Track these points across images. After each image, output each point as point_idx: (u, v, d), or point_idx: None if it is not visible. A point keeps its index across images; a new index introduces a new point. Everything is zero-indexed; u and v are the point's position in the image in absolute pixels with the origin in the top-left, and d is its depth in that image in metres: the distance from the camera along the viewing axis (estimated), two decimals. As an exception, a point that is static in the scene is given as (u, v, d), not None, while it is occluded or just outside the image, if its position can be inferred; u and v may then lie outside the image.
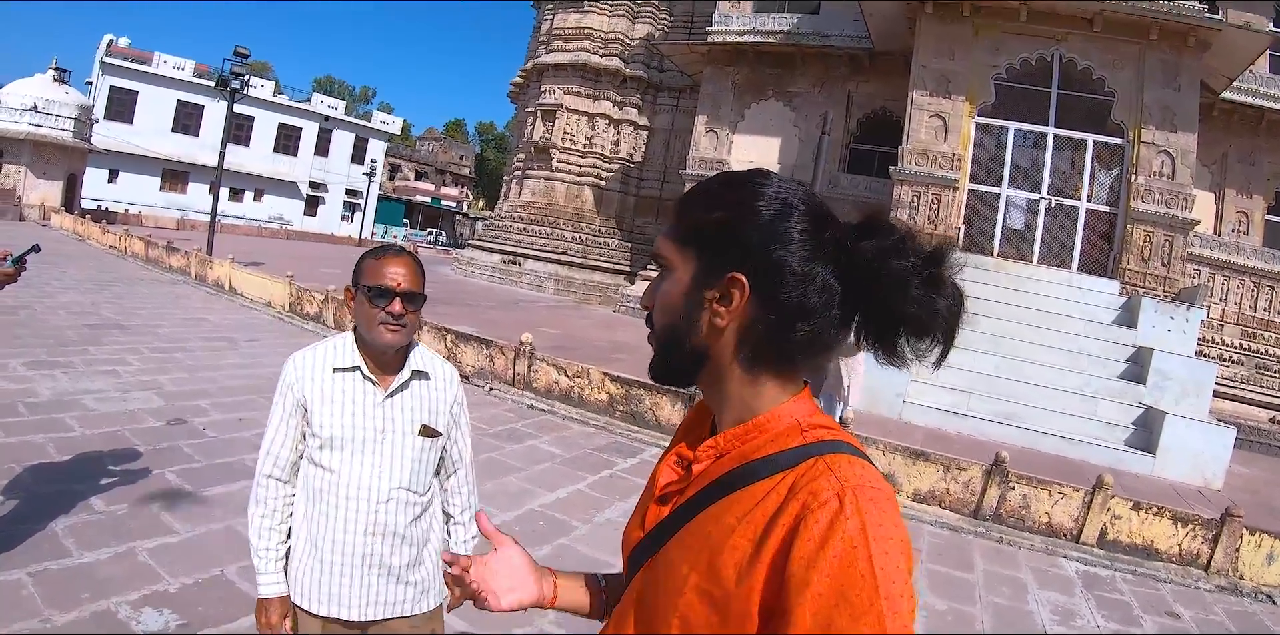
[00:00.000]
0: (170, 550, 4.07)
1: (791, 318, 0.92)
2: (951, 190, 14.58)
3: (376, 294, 1.95)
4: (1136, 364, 11.42)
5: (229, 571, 3.92)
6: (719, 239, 0.95)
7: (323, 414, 1.99)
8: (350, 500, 1.97)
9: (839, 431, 0.95)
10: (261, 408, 7.14)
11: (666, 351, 1.01)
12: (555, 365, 9.28)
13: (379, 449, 2.00)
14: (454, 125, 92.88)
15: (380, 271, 1.98)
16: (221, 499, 4.88)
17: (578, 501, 5.97)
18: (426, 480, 2.12)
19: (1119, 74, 14.15)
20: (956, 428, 10.52)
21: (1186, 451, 9.76)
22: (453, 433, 2.21)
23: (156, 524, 4.36)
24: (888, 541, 0.78)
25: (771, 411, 0.96)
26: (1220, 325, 15.23)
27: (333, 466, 1.99)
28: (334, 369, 2.04)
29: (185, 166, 40.92)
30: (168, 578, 3.77)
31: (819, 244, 0.93)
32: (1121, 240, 13.95)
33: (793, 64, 19.86)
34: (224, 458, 5.68)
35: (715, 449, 0.98)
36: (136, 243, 19.65)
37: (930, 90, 14.89)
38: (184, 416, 6.56)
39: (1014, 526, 6.85)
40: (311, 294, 12.74)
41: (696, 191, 1.02)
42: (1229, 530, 6.49)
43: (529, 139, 25.42)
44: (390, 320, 1.97)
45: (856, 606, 0.74)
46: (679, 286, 0.98)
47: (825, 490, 0.81)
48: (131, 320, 10.78)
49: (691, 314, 0.96)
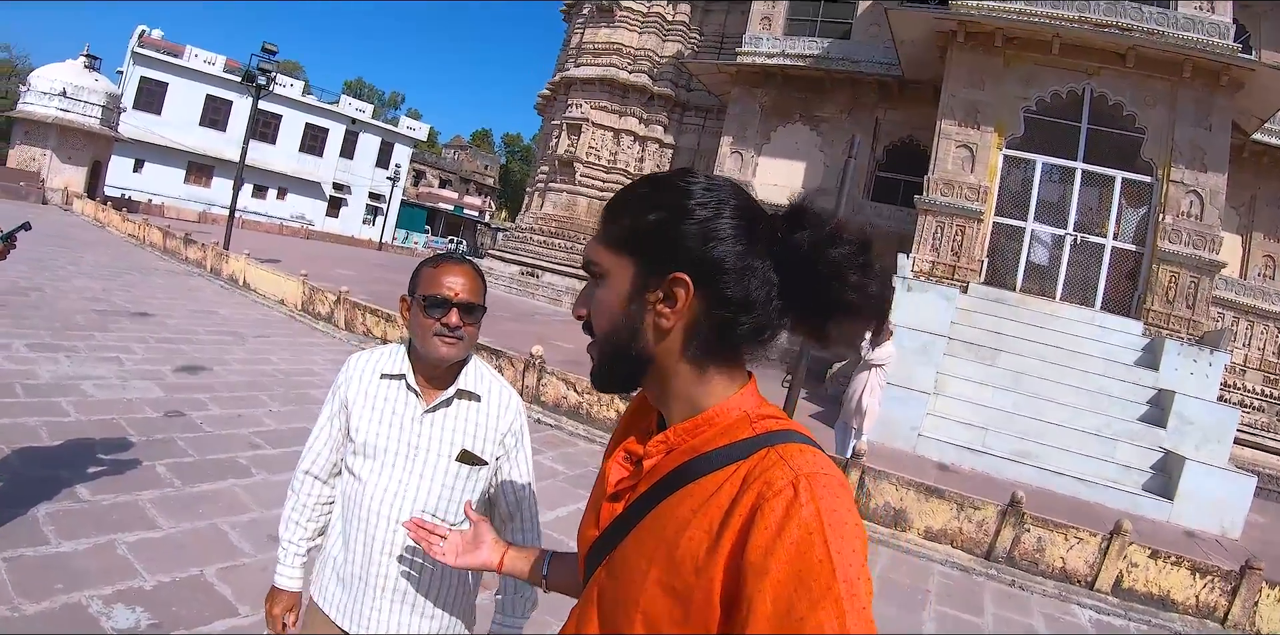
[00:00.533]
0: (150, 546, 3.91)
1: (736, 312, 0.93)
2: (976, 222, 14.38)
3: (432, 304, 1.82)
4: (1157, 407, 11.17)
5: (208, 572, 3.76)
6: (655, 241, 0.95)
7: (360, 419, 1.87)
8: (372, 514, 1.82)
9: (788, 421, 0.97)
10: (261, 405, 7.06)
11: (610, 358, 1.01)
12: (565, 380, 9.11)
13: (408, 466, 1.84)
14: (481, 135, 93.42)
15: (437, 280, 1.85)
16: (209, 497, 4.72)
17: (577, 521, 5.75)
18: (461, 511, 1.90)
19: (1150, 111, 13.95)
20: (971, 464, 10.29)
21: (1205, 499, 9.50)
22: (505, 467, 2.01)
23: (140, 517, 4.21)
24: (842, 527, 0.79)
25: (720, 405, 0.97)
26: (1242, 370, 14.95)
27: (362, 475, 1.85)
28: (382, 374, 1.91)
29: (211, 160, 41.18)
30: (144, 574, 3.62)
31: (754, 237, 0.95)
32: (1146, 280, 13.71)
33: (821, 88, 19.76)
34: (217, 454, 5.53)
35: (665, 444, 0.99)
36: (155, 233, 19.69)
37: (959, 120, 14.73)
38: (182, 409, 6.42)
39: (1027, 570, 6.60)
40: (324, 294, 12.62)
41: (624, 195, 1.02)
42: (1248, 583, 6.25)
43: (553, 151, 25.36)
44: (446, 332, 1.83)
45: (814, 591, 0.76)
46: (618, 292, 0.98)
47: (779, 479, 0.82)
48: (141, 309, 10.71)
49: (634, 318, 0.97)
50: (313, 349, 10.49)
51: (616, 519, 1.02)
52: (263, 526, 4.39)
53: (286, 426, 6.58)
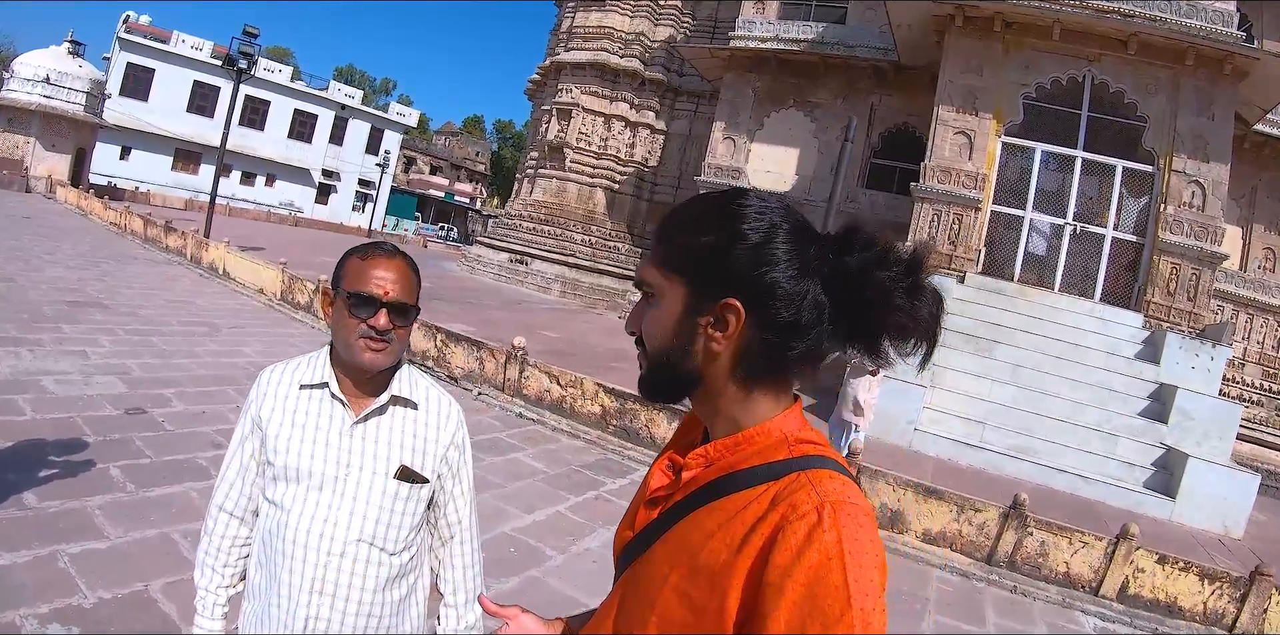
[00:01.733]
0: (94, 558, 3.62)
1: (786, 336, 0.94)
2: (974, 210, 14.09)
3: (358, 302, 1.55)
4: (1158, 402, 10.93)
5: (153, 587, 3.47)
6: (708, 264, 0.96)
7: (278, 438, 1.59)
8: (297, 547, 1.54)
9: (825, 448, 0.97)
10: (229, 401, 6.73)
11: (659, 375, 1.02)
12: (548, 373, 8.78)
13: (339, 488, 1.57)
14: (472, 121, 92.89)
15: (365, 274, 1.57)
16: (162, 502, 4.42)
17: (556, 526, 5.46)
18: (403, 537, 1.65)
19: (1152, 99, 13.65)
20: (969, 460, 10.03)
21: (1208, 497, 9.27)
22: (448, 484, 1.76)
23: (87, 526, 3.91)
24: (863, 555, 0.80)
25: (762, 425, 0.98)
26: (1241, 364, 14.75)
27: (283, 503, 1.57)
28: (300, 385, 1.63)
29: (198, 147, 40.56)
30: (84, 590, 3.33)
31: (806, 261, 0.95)
32: (1147, 271, 13.44)
33: (815, 74, 19.39)
34: (176, 454, 5.22)
35: (705, 458, 1.01)
36: (136, 220, 19.30)
37: (957, 106, 14.42)
38: (144, 406, 6.11)
39: (1029, 575, 6.34)
40: (303, 282, 12.29)
41: (677, 216, 1.03)
42: (1258, 590, 6.00)
43: (543, 137, 25.00)
44: (372, 335, 1.55)
45: (829, 617, 0.76)
46: (670, 314, 0.99)
47: (805, 503, 0.83)
48: (114, 299, 10.36)
49: (685, 341, 0.97)
50: (289, 340, 10.18)
51: (650, 524, 1.04)
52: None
53: (254, 424, 6.27)
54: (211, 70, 39.86)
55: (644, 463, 7.58)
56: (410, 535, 1.67)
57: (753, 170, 19.57)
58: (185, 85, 40.61)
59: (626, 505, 4.27)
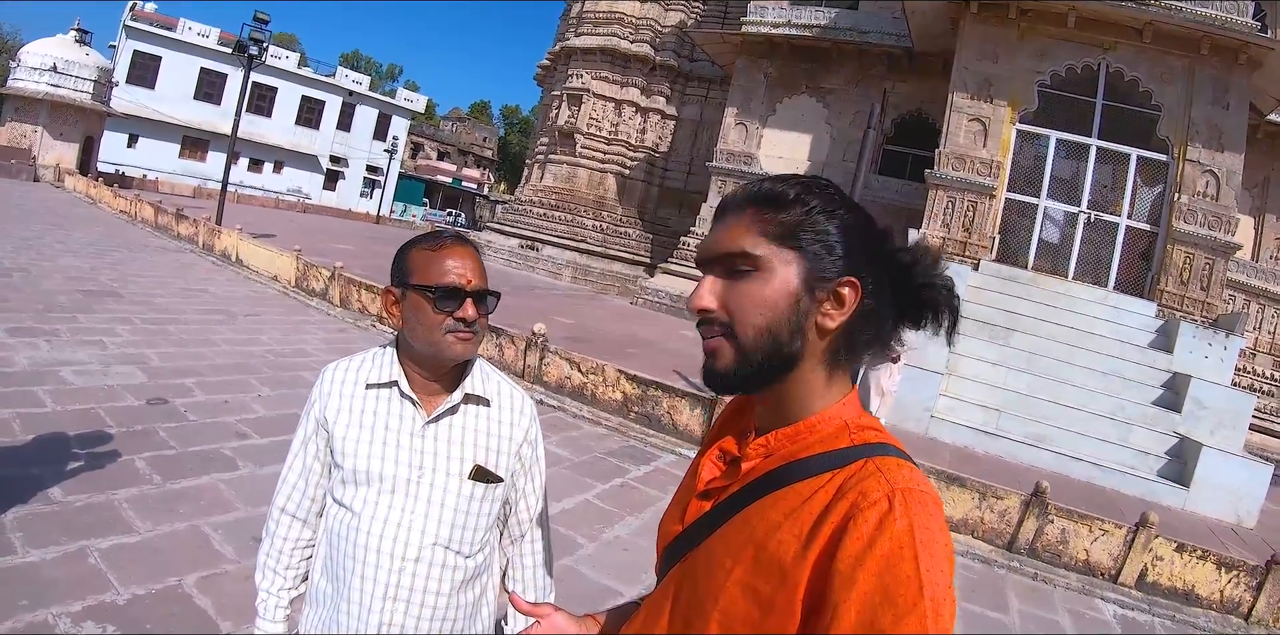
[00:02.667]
0: (125, 552, 3.62)
1: (872, 322, 0.97)
2: (988, 198, 14.05)
3: (444, 295, 1.50)
4: (1172, 391, 10.90)
5: (186, 582, 3.47)
6: (827, 242, 0.95)
7: (345, 440, 1.55)
8: (370, 552, 1.50)
9: (886, 434, 0.97)
10: (250, 390, 6.75)
11: (761, 355, 0.96)
12: (568, 359, 8.78)
13: (413, 491, 1.53)
14: (479, 107, 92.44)
15: (441, 266, 1.52)
16: (190, 494, 4.42)
17: (585, 514, 5.47)
18: (478, 538, 1.62)
19: (1167, 88, 13.57)
20: (985, 448, 10.02)
21: (1222, 487, 9.26)
22: (520, 482, 1.72)
23: (115, 520, 3.91)
24: (934, 545, 0.79)
25: (823, 413, 0.97)
26: (1252, 354, 14.73)
27: (354, 507, 1.54)
28: (368, 384, 1.59)
29: (206, 134, 40.48)
30: (117, 586, 3.32)
31: (889, 256, 0.99)
32: (1160, 260, 13.40)
33: (828, 59, 19.31)
34: (201, 445, 5.22)
35: (765, 448, 0.99)
36: (146, 208, 19.30)
37: (971, 93, 14.35)
38: (165, 396, 6.11)
39: (1049, 562, 6.36)
40: (319, 269, 12.28)
41: (780, 191, 0.99)
42: (1274, 579, 6.02)
43: (553, 123, 24.93)
44: (461, 328, 1.51)
45: (900, 607, 0.75)
46: (784, 289, 0.95)
47: (875, 491, 0.82)
48: (128, 288, 10.37)
49: (800, 317, 0.95)
50: (305, 327, 10.19)
51: (703, 516, 1.02)
52: (247, 527, 4.10)
53: (275, 413, 6.28)
54: (218, 57, 39.81)
55: (667, 450, 7.62)
56: (484, 536, 1.63)
57: (764, 156, 19.54)
58: (192, 73, 40.45)
59: (654, 493, 4.27)
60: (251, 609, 1.70)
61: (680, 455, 7.53)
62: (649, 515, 5.67)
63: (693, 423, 7.88)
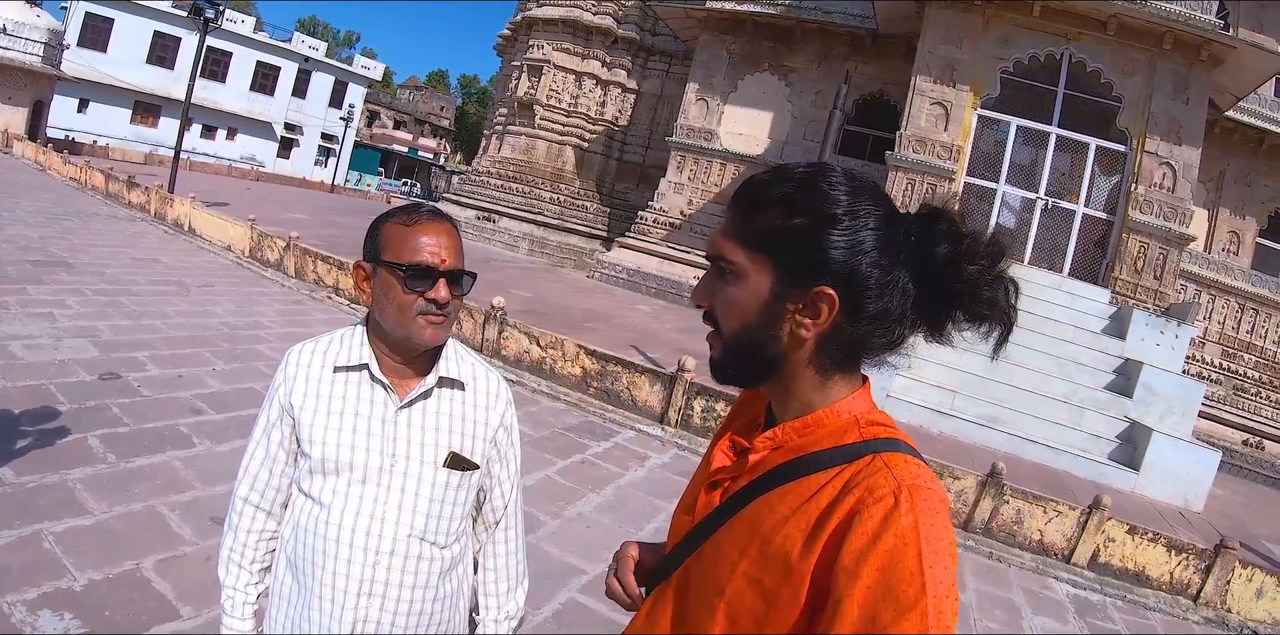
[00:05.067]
0: (80, 536, 3.51)
1: (873, 325, 0.93)
2: (947, 181, 14.13)
3: (415, 274, 1.41)
4: (1124, 376, 11.15)
5: (145, 565, 3.38)
6: (800, 248, 0.92)
7: (313, 427, 1.46)
8: (342, 546, 1.43)
9: (894, 429, 0.96)
10: (204, 363, 6.60)
11: (737, 358, 0.98)
12: (527, 333, 8.71)
13: (385, 480, 1.45)
14: (437, 75, 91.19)
15: (415, 242, 1.43)
16: (146, 472, 4.30)
17: (546, 491, 5.44)
18: (454, 528, 1.55)
19: (1128, 80, 13.73)
20: (940, 428, 10.18)
21: (1171, 471, 9.52)
22: (495, 468, 1.64)
23: (69, 502, 3.79)
24: (938, 542, 0.79)
25: (832, 406, 0.96)
26: (1202, 343, 15.07)
27: (323, 499, 1.45)
28: (335, 367, 1.49)
29: (158, 99, 39.17)
30: (73, 571, 3.22)
31: (896, 248, 0.93)
32: (1116, 249, 13.65)
33: (791, 38, 19.22)
34: (155, 422, 5.08)
35: (773, 440, 0.99)
36: (97, 176, 18.70)
37: (934, 77, 14.40)
38: (118, 370, 5.94)
39: (1004, 542, 6.53)
40: (273, 239, 12.02)
41: (763, 190, 0.97)
42: (1222, 562, 6.24)
43: (513, 93, 24.55)
44: (433, 310, 1.42)
45: (902, 602, 0.76)
46: (755, 296, 0.94)
47: (882, 487, 0.82)
48: (79, 258, 10.05)
49: (771, 325, 0.94)
50: (260, 299, 9.97)
51: (714, 511, 1.02)
52: (205, 507, 4.02)
53: (231, 387, 6.16)
54: (172, 20, 38.34)
55: (627, 426, 7.61)
56: (460, 525, 1.57)
57: (725, 132, 19.51)
58: (145, 36, 38.98)
59: (615, 469, 4.26)
60: (212, 592, 1.62)
61: (640, 432, 7.53)
62: (610, 492, 5.69)
63: (653, 399, 7.87)
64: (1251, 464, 13.72)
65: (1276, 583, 6.26)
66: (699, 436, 7.55)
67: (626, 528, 5.10)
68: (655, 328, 13.23)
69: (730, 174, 19.36)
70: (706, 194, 19.57)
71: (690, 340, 12.11)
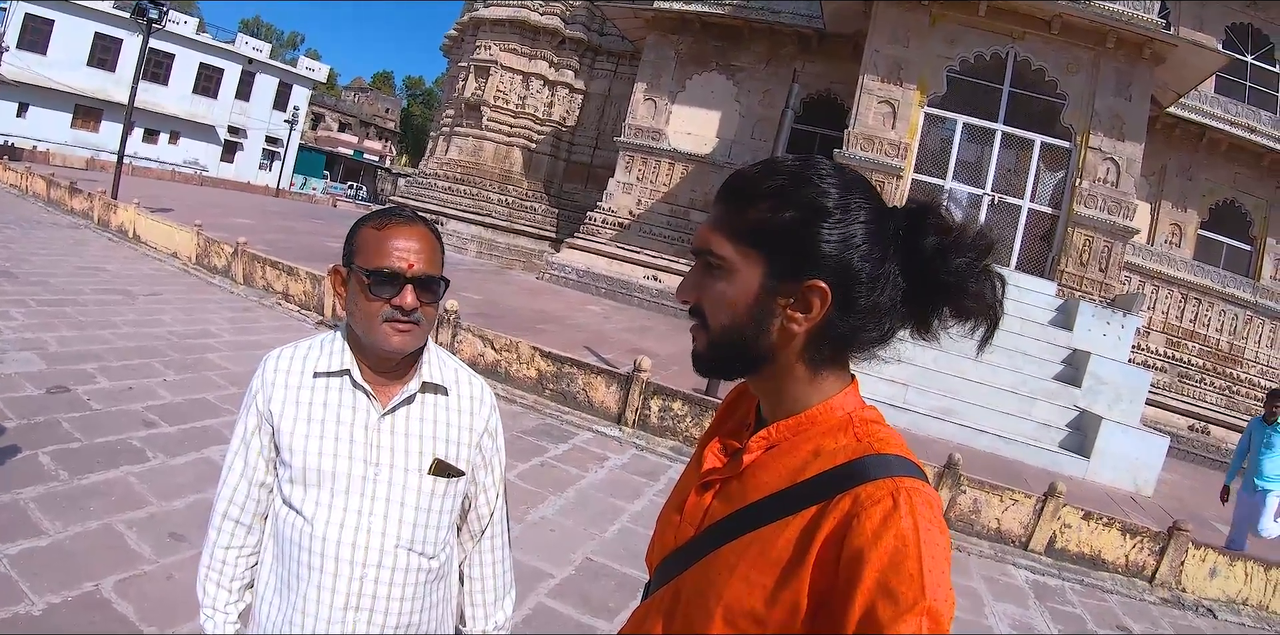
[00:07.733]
0: (36, 557, 3.40)
1: (864, 319, 0.93)
2: (896, 179, 14.33)
3: (379, 280, 1.37)
4: (1072, 366, 11.40)
5: (104, 586, 3.28)
6: (791, 242, 0.92)
7: (294, 436, 1.42)
8: (327, 560, 1.39)
9: (888, 428, 0.96)
10: (155, 374, 6.45)
11: (725, 352, 0.98)
12: (481, 336, 8.63)
13: (369, 490, 1.41)
14: (381, 77, 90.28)
15: (383, 247, 1.39)
16: (100, 489, 4.19)
17: (509, 494, 5.40)
18: (440, 537, 1.52)
19: (1072, 78, 14.04)
20: (894, 420, 9.97)
21: (1121, 457, 9.78)
22: (480, 475, 1.61)
23: (22, 522, 3.67)
24: (936, 546, 0.79)
25: (824, 404, 0.96)
26: (1147, 332, 15.46)
27: (305, 511, 1.41)
28: (315, 373, 1.46)
29: (99, 103, 37.99)
30: (30, 595, 3.11)
31: (886, 242, 0.93)
32: (1061, 242, 13.95)
33: (739, 38, 19.31)
34: (107, 436, 4.95)
35: (767, 440, 0.98)
36: (38, 182, 18.23)
37: (881, 76, 14.57)
38: (67, 383, 5.77)
39: (963, 531, 6.64)
40: (220, 245, 11.78)
41: (751, 184, 0.96)
42: (1175, 544, 6.43)
43: (460, 95, 24.39)
44: (399, 316, 1.38)
45: (901, 604, 0.76)
46: (745, 291, 0.94)
47: (880, 488, 0.83)
48: (21, 268, 9.74)
49: (761, 319, 0.94)
50: (208, 306, 9.77)
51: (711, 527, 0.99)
52: (162, 523, 3.91)
53: (183, 398, 6.02)
54: (113, 21, 37.28)
55: (584, 428, 7.58)
56: (447, 534, 1.55)
57: (673, 132, 19.55)
58: (86, 37, 37.74)
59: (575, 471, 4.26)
60: (176, 611, 1.58)
61: (598, 432, 7.51)
62: (571, 494, 5.66)
63: (609, 400, 7.86)
64: (1198, 449, 14.15)
65: (1229, 562, 6.47)
66: (657, 436, 7.57)
67: (590, 530, 5.09)
68: (607, 328, 13.24)
69: (679, 173, 19.42)
70: (655, 194, 19.59)
71: (643, 340, 12.20)
